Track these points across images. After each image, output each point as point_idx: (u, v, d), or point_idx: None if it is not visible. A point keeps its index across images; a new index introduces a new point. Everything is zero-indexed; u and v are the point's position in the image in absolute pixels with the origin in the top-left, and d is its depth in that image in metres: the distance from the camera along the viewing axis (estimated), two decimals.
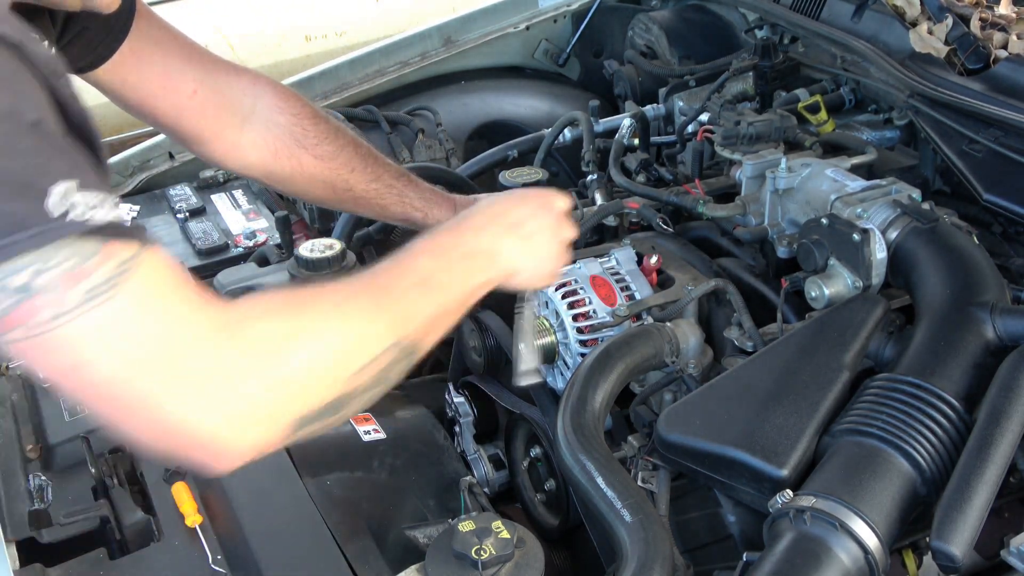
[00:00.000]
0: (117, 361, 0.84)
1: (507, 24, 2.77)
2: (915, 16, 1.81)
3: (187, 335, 0.87)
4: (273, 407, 0.92)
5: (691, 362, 1.39)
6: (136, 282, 0.84)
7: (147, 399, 0.86)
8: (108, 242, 0.82)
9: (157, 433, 0.89)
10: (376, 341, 1.00)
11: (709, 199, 1.65)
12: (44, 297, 0.80)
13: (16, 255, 0.78)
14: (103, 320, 0.83)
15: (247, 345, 0.91)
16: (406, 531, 1.37)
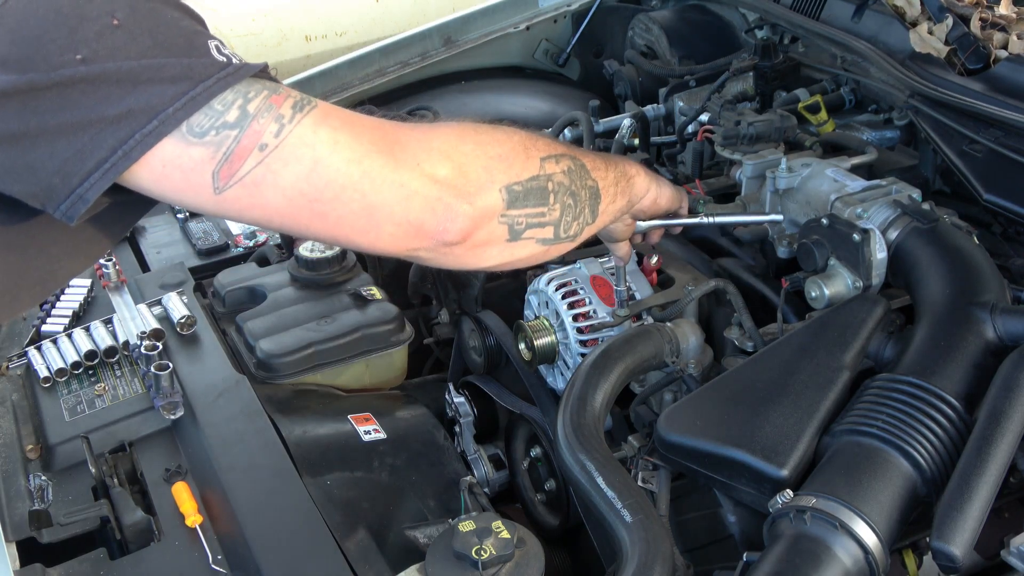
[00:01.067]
0: (346, 147, 0.94)
1: (507, 24, 2.77)
2: (915, 16, 1.81)
3: (391, 127, 1.00)
4: (485, 169, 1.04)
5: (691, 362, 1.39)
6: (321, 104, 0.95)
7: (383, 173, 0.96)
8: (280, 85, 0.93)
9: (399, 203, 0.98)
10: (554, 147, 1.16)
11: (709, 199, 1.64)
12: (262, 119, 0.90)
13: (209, 100, 0.87)
14: (321, 117, 0.93)
15: (444, 128, 1.05)
16: (406, 531, 1.37)
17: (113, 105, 0.85)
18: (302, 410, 1.61)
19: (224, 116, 0.89)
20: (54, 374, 1.64)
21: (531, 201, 1.10)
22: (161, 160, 0.88)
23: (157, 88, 0.85)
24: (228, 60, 0.89)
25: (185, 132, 0.88)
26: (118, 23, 0.84)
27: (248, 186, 0.91)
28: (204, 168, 0.89)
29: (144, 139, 0.86)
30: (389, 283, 2.03)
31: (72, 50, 0.83)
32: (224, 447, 1.45)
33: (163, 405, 1.54)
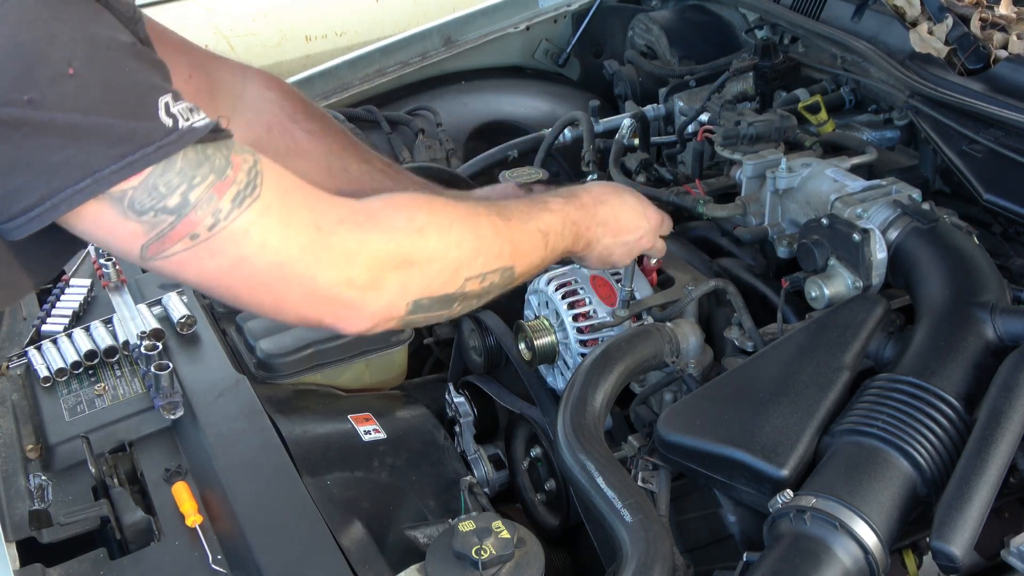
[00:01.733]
0: (274, 250, 0.97)
1: (507, 24, 2.77)
2: (915, 16, 1.81)
3: (334, 219, 1.01)
4: (401, 283, 1.06)
5: (691, 362, 1.39)
6: (271, 181, 0.97)
7: (301, 278, 0.99)
8: (232, 153, 0.95)
9: (307, 305, 1.03)
10: (494, 258, 1.15)
11: (709, 199, 1.65)
12: (200, 210, 0.92)
13: (146, 167, 0.88)
14: (257, 216, 0.95)
15: (389, 228, 1.04)
16: (406, 531, 1.37)
17: (51, 154, 0.85)
18: (302, 410, 1.61)
19: (165, 200, 0.91)
20: (54, 374, 1.64)
21: (435, 309, 1.12)
22: (93, 218, 0.90)
23: (97, 147, 0.86)
24: (174, 124, 0.89)
25: (125, 206, 0.90)
26: (73, 72, 0.84)
27: (172, 264, 0.95)
28: (134, 240, 0.92)
29: (75, 195, 0.87)
30: None
31: (22, 90, 0.83)
32: (224, 447, 1.45)
33: (163, 405, 1.54)
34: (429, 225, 1.08)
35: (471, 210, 1.15)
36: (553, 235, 1.26)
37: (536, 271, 1.26)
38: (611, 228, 1.37)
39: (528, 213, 1.24)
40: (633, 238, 1.41)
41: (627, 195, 1.42)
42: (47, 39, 0.84)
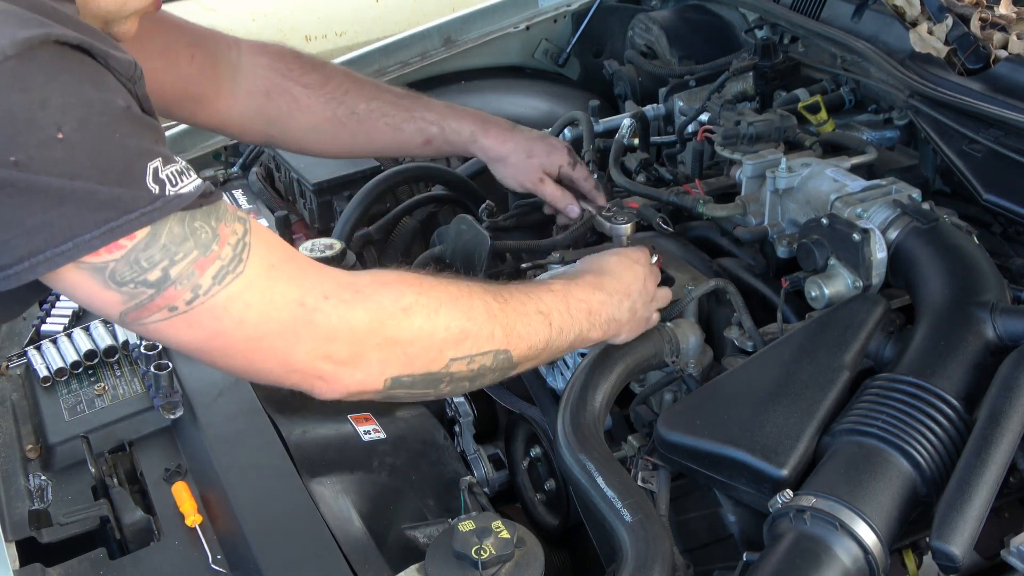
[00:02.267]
0: (252, 325, 0.96)
1: (507, 24, 2.77)
2: (915, 16, 1.81)
3: (319, 294, 0.99)
4: (380, 360, 1.04)
5: (691, 362, 1.39)
6: (258, 255, 0.96)
7: (277, 351, 0.99)
8: (221, 224, 0.94)
9: (282, 375, 1.03)
10: (484, 340, 1.12)
11: (709, 199, 1.64)
12: (181, 285, 0.91)
13: (128, 233, 0.87)
14: (238, 292, 0.94)
15: (374, 306, 1.03)
16: (406, 531, 1.37)
17: (34, 216, 0.85)
18: (302, 410, 1.61)
19: (146, 274, 0.90)
20: (54, 374, 1.64)
21: (417, 387, 1.10)
22: (73, 282, 0.90)
23: (81, 212, 0.86)
24: (161, 191, 0.89)
25: (106, 276, 0.90)
26: (63, 137, 0.84)
27: (150, 330, 0.96)
28: (114, 307, 0.93)
29: (54, 257, 0.86)
30: None
31: (9, 151, 0.82)
32: (224, 447, 1.45)
33: (163, 405, 1.54)
34: (416, 305, 1.07)
35: (464, 291, 1.13)
36: (557, 315, 1.22)
37: (545, 355, 1.22)
38: (624, 293, 1.32)
39: (527, 294, 1.21)
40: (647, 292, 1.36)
41: (611, 256, 1.40)
42: (39, 103, 0.83)
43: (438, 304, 1.09)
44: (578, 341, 1.26)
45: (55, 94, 0.84)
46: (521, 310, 1.18)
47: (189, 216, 0.92)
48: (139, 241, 0.89)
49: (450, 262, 1.82)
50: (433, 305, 1.08)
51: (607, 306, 1.29)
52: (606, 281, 1.31)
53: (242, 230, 0.96)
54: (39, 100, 0.83)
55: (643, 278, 1.36)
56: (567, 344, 1.24)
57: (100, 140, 0.86)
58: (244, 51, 1.49)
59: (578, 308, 1.25)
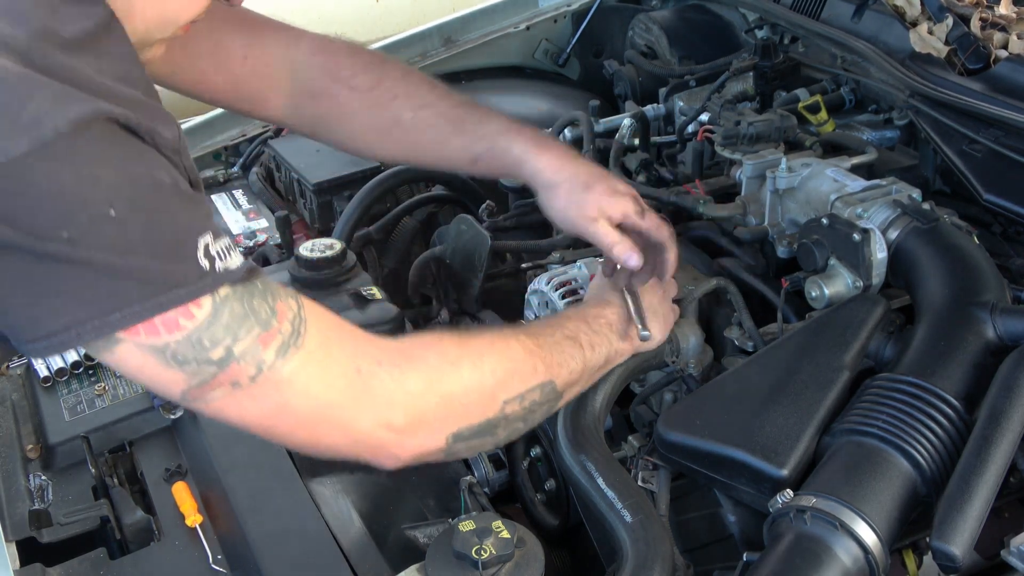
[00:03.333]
0: (315, 397, 0.98)
1: (507, 24, 2.77)
2: (915, 16, 1.81)
3: (373, 361, 1.01)
4: (439, 418, 1.06)
5: (691, 362, 1.39)
6: (314, 327, 0.98)
7: (341, 422, 1.01)
8: (277, 302, 0.96)
9: (345, 446, 1.04)
10: (529, 376, 1.14)
11: (709, 199, 1.65)
12: (245, 361, 0.92)
13: (176, 306, 0.88)
14: (300, 365, 0.95)
15: (424, 367, 1.05)
16: (406, 531, 1.37)
17: (81, 287, 0.85)
18: None
19: (209, 353, 0.91)
20: (54, 374, 1.64)
21: (476, 439, 1.11)
22: (133, 363, 0.90)
23: (129, 285, 0.86)
24: (210, 266, 0.90)
25: (168, 356, 0.90)
26: (114, 214, 0.84)
27: (212, 407, 0.96)
28: (175, 385, 0.93)
29: (102, 326, 0.87)
30: (389, 283, 2.02)
31: (62, 227, 0.83)
32: (224, 447, 1.45)
33: (163, 405, 1.54)
34: (461, 357, 1.09)
35: (498, 336, 1.16)
36: (584, 335, 1.24)
37: (584, 377, 1.24)
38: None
39: (551, 325, 1.24)
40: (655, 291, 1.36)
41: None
42: (91, 180, 0.84)
43: (480, 352, 1.11)
44: (612, 355, 1.28)
45: (106, 171, 0.85)
46: (551, 340, 1.20)
47: (247, 294, 0.93)
48: (201, 321, 0.90)
49: (450, 262, 1.82)
50: (476, 354, 1.11)
51: (623, 315, 1.31)
52: (611, 296, 1.34)
53: (296, 305, 0.98)
54: (90, 178, 0.84)
55: (651, 283, 1.36)
56: (602, 360, 1.26)
57: (151, 216, 0.87)
58: (304, 49, 1.43)
59: (599, 324, 1.27)
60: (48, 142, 0.81)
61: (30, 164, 0.80)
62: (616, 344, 1.28)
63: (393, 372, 1.03)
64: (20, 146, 0.80)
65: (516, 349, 1.15)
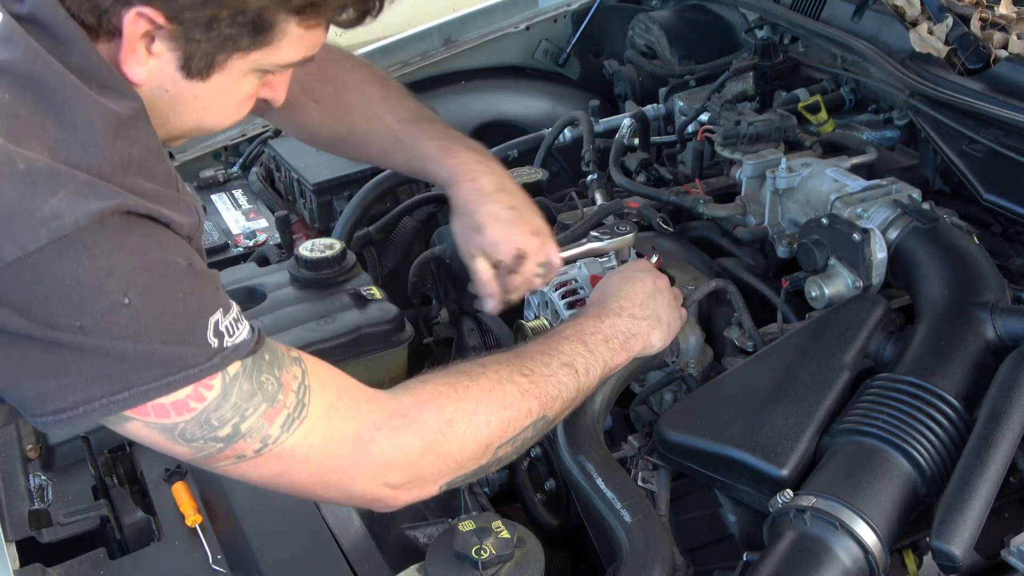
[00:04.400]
0: (315, 462, 1.01)
1: (507, 24, 2.77)
2: (915, 16, 1.81)
3: (372, 426, 1.04)
4: (434, 473, 1.10)
5: (691, 362, 1.39)
6: (318, 395, 1.00)
7: (340, 484, 1.04)
8: (283, 373, 0.98)
9: (343, 500, 1.11)
10: (523, 419, 1.15)
11: (709, 199, 1.64)
12: (251, 438, 0.96)
13: (184, 386, 0.90)
14: (303, 436, 0.98)
15: (422, 429, 1.06)
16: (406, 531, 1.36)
17: (93, 368, 0.87)
18: None
19: (217, 431, 0.94)
20: None
21: (469, 479, 1.15)
22: (141, 435, 0.94)
23: (140, 368, 0.88)
24: (219, 344, 0.92)
25: (176, 435, 0.93)
26: (128, 302, 0.86)
27: (215, 469, 1.00)
28: (180, 456, 0.97)
29: (110, 405, 0.89)
30: (389, 283, 2.02)
31: (75, 317, 0.85)
32: None
33: None
34: (456, 414, 1.10)
35: (494, 379, 1.15)
36: (580, 360, 1.23)
37: (578, 400, 1.24)
38: (635, 304, 1.32)
39: (547, 353, 1.22)
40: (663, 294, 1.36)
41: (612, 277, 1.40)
42: (106, 271, 0.85)
43: (475, 404, 1.11)
44: (605, 372, 1.27)
45: (121, 261, 0.86)
46: (547, 372, 1.19)
47: (255, 370, 0.95)
48: (210, 402, 0.92)
49: (450, 262, 1.82)
50: (471, 408, 1.11)
51: (620, 326, 1.29)
52: (612, 304, 1.32)
53: (300, 373, 1.00)
54: (106, 268, 0.85)
55: (650, 285, 1.36)
56: (596, 380, 1.26)
57: (164, 302, 0.89)
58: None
59: (595, 342, 1.26)
60: (66, 235, 0.82)
61: (48, 257, 0.82)
62: (612, 361, 1.28)
63: (392, 436, 1.05)
64: (39, 239, 0.82)
65: (511, 395, 1.15)
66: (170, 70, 0.95)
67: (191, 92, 0.98)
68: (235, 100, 1.03)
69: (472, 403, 1.12)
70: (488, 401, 1.13)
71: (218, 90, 0.99)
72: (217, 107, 1.02)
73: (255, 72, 1.01)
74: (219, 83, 0.98)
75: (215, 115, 1.03)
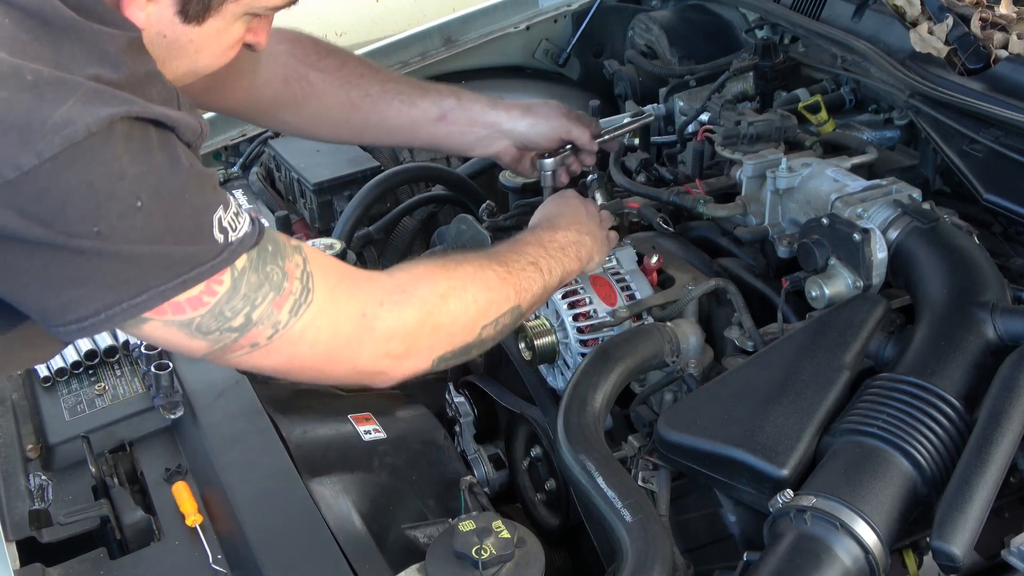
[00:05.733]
0: (324, 343, 1.08)
1: (507, 24, 2.77)
2: (915, 16, 1.81)
3: (376, 304, 1.12)
4: (429, 346, 1.19)
5: (691, 362, 1.39)
6: (321, 280, 1.06)
7: (348, 359, 1.12)
8: (286, 262, 1.03)
9: (349, 376, 1.17)
10: (503, 303, 1.27)
11: (709, 199, 1.64)
12: (262, 325, 1.01)
13: (198, 283, 0.95)
14: (310, 319, 1.05)
15: (418, 301, 1.16)
16: (406, 531, 1.37)
17: (111, 275, 0.92)
18: (302, 410, 1.61)
19: (231, 322, 1.00)
20: (54, 374, 1.64)
21: (456, 358, 1.24)
22: (160, 335, 0.99)
23: (155, 270, 0.93)
24: (225, 240, 0.97)
25: (192, 329, 0.98)
26: (140, 205, 0.90)
27: (230, 362, 1.06)
28: (198, 351, 1.02)
29: (130, 309, 0.93)
30: None
31: (93, 223, 0.88)
32: (224, 447, 1.45)
33: (163, 405, 1.54)
34: (449, 290, 1.20)
35: (478, 266, 1.27)
36: (543, 260, 1.36)
37: (541, 300, 1.36)
38: (577, 222, 1.47)
39: (516, 252, 1.35)
40: (595, 216, 1.52)
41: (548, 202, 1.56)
42: (118, 175, 0.88)
43: (464, 283, 1.22)
44: (564, 276, 1.41)
45: (131, 165, 0.89)
46: (518, 267, 1.32)
47: (260, 262, 1.01)
48: (222, 295, 0.98)
49: None
50: (461, 285, 1.22)
51: (570, 238, 1.44)
52: (558, 221, 1.47)
53: (302, 260, 1.05)
54: (118, 173, 0.88)
55: (581, 206, 1.52)
56: (556, 282, 1.39)
57: (173, 204, 0.93)
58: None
59: (553, 249, 1.39)
60: (79, 142, 0.85)
61: (62, 164, 0.85)
62: (567, 266, 1.41)
63: (393, 310, 1.13)
64: (53, 146, 0.84)
65: (492, 279, 1.27)
66: (168, 15, 1.00)
67: (187, 36, 1.02)
68: (226, 44, 1.08)
69: (461, 281, 1.22)
70: (475, 282, 1.24)
71: (212, 34, 1.04)
72: (210, 50, 1.07)
73: (244, 16, 1.07)
74: (213, 27, 1.04)
75: (207, 58, 1.08)
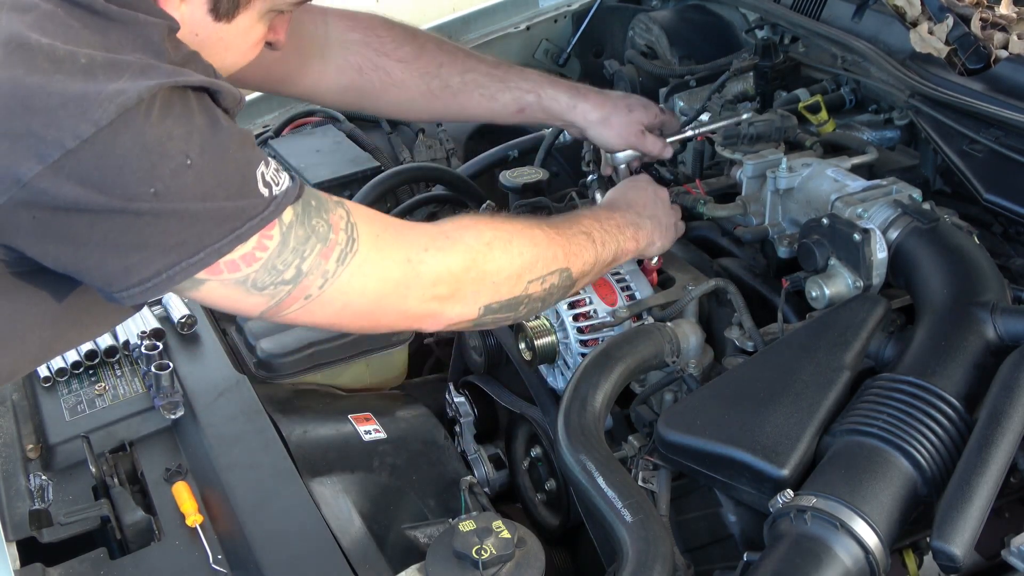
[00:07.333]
0: (373, 290, 1.12)
1: (507, 24, 2.77)
2: (915, 16, 1.81)
3: (420, 250, 1.15)
4: (474, 292, 1.21)
5: (692, 362, 1.39)
6: (365, 230, 1.10)
7: (397, 306, 1.15)
8: (330, 215, 1.07)
9: (399, 322, 1.21)
10: (551, 261, 1.29)
11: (710, 199, 1.65)
12: (311, 275, 1.05)
13: (251, 235, 0.99)
14: (357, 267, 1.08)
15: (463, 248, 1.19)
16: (406, 531, 1.37)
17: (169, 236, 0.95)
18: (302, 410, 1.61)
19: (283, 274, 1.04)
20: (54, 374, 1.64)
21: (502, 312, 1.26)
22: (218, 295, 1.03)
23: (210, 226, 0.97)
24: (270, 194, 1.00)
25: (248, 286, 1.02)
26: (191, 163, 0.94)
27: (287, 319, 1.10)
28: (256, 309, 1.06)
29: (188, 268, 0.97)
30: None
31: (148, 184, 0.92)
32: (224, 447, 1.45)
33: (163, 405, 1.54)
34: (495, 239, 1.23)
35: (525, 223, 1.30)
36: (597, 232, 1.38)
37: (594, 270, 1.38)
38: (641, 205, 1.49)
39: (569, 221, 1.38)
40: (664, 201, 1.53)
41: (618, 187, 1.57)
42: (166, 136, 0.93)
43: (510, 236, 1.25)
44: (619, 254, 1.42)
45: (176, 126, 0.94)
46: (569, 233, 1.34)
47: (305, 216, 1.04)
48: (273, 249, 1.02)
49: None
50: (506, 237, 1.24)
51: (629, 219, 1.45)
52: (621, 203, 1.49)
53: (345, 212, 1.09)
54: (166, 133, 0.93)
55: (652, 192, 1.53)
56: (611, 256, 1.40)
57: (219, 159, 0.97)
58: (333, 25, 1.52)
59: (609, 226, 1.41)
60: (132, 107, 0.89)
61: (116, 129, 0.90)
62: (623, 244, 1.42)
63: (438, 255, 1.16)
64: (109, 113, 0.89)
65: (540, 236, 1.29)
66: (200, 13, 1.05)
67: (217, 34, 1.07)
68: (251, 41, 1.13)
69: (507, 233, 1.25)
70: (521, 236, 1.26)
71: (239, 31, 1.09)
72: (237, 48, 1.12)
73: (268, 14, 1.11)
74: (240, 24, 1.08)
75: (234, 55, 1.12)
